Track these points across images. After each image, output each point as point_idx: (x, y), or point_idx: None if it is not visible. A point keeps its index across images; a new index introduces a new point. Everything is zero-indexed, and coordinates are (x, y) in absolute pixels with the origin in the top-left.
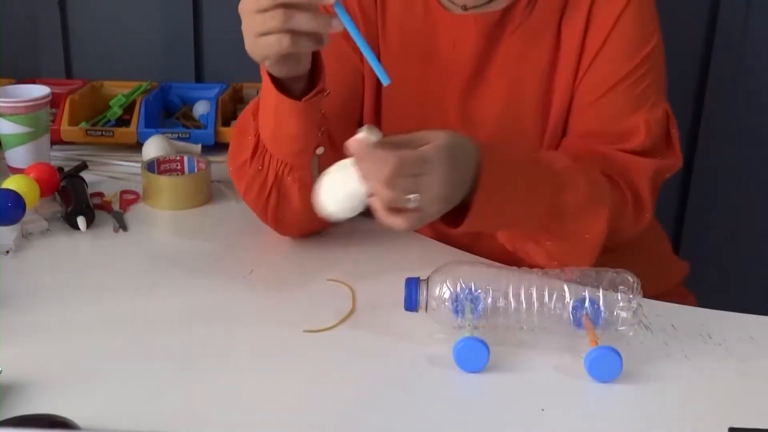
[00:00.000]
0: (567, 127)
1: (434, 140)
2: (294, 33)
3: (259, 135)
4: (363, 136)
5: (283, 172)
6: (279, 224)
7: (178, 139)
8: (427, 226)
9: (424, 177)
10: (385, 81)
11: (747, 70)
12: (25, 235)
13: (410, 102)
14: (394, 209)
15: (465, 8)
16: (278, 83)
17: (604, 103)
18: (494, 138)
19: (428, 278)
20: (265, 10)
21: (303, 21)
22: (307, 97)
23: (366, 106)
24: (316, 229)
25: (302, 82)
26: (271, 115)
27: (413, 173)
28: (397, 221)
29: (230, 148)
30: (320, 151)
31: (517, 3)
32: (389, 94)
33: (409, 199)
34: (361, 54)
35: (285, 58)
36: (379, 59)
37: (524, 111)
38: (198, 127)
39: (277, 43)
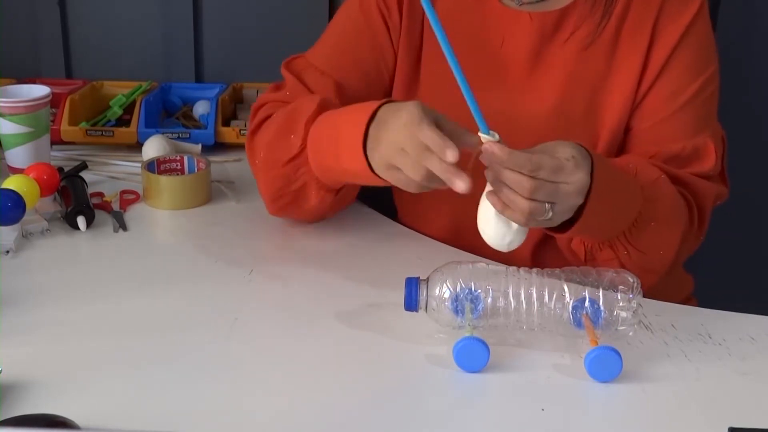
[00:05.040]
0: (627, 143)
1: (561, 152)
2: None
3: (305, 148)
4: (486, 138)
5: (312, 184)
6: (278, 213)
7: (178, 139)
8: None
9: (561, 186)
10: (483, 129)
11: (747, 71)
12: (25, 235)
13: (448, 95)
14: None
15: (520, 3)
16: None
17: (671, 122)
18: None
19: (428, 278)
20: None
21: (435, 165)
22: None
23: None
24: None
25: None
26: (338, 164)
27: (553, 180)
28: (518, 218)
29: (268, 132)
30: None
31: (575, 5)
32: (427, 87)
33: (548, 210)
34: (395, 51)
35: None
36: (420, 49)
37: (573, 119)
38: (198, 127)
39: (412, 173)
